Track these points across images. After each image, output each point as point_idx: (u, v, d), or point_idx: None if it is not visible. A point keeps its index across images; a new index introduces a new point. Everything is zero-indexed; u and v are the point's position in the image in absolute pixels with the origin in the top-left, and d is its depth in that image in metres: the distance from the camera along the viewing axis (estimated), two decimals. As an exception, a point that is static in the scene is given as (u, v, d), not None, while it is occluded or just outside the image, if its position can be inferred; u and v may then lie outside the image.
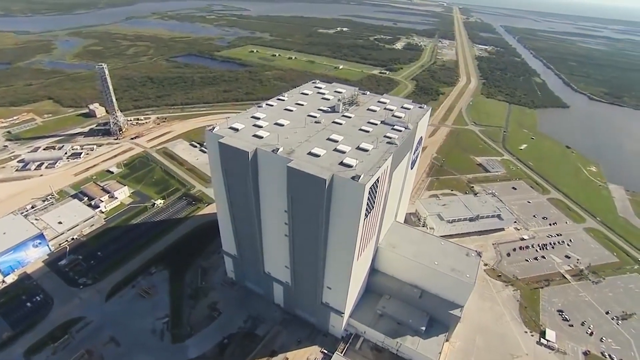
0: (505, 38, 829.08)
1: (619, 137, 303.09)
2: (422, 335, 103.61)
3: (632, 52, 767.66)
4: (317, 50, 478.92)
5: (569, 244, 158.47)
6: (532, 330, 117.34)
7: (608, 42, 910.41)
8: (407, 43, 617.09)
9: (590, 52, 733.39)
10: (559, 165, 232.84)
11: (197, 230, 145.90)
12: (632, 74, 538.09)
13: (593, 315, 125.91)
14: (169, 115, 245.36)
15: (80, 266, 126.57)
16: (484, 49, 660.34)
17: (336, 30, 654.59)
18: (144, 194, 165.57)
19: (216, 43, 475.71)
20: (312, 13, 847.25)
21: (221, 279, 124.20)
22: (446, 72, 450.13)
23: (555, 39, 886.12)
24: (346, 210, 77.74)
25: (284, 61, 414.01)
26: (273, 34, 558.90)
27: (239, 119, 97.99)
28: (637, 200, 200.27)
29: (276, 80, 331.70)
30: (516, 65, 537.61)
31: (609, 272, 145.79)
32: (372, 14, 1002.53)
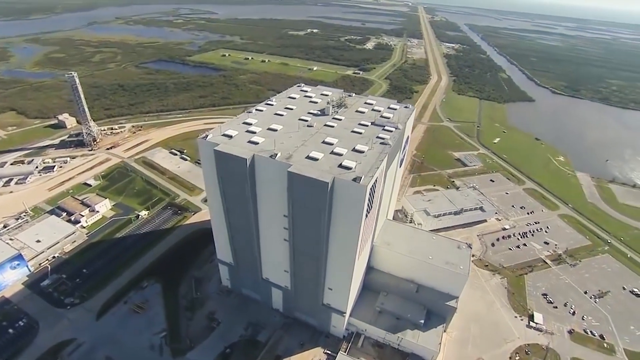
0: (470, 36, 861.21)
1: (581, 127, 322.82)
2: (421, 328, 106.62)
3: (584, 48, 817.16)
4: (289, 52, 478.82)
5: (546, 230, 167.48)
6: (521, 315, 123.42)
7: (562, 39, 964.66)
8: (377, 43, 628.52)
9: (547, 48, 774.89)
10: (531, 156, 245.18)
11: (186, 240, 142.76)
12: (586, 68, 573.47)
13: (573, 296, 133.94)
14: (144, 124, 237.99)
15: (64, 285, 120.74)
16: (451, 47, 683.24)
17: (307, 32, 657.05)
18: (127, 206, 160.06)
19: (187, 48, 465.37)
20: (281, 15, 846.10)
21: (216, 288, 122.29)
22: (417, 70, 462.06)
23: (516, 36, 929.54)
24: (348, 212, 79.01)
25: (257, 64, 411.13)
26: (244, 37, 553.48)
27: (231, 125, 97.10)
28: (602, 186, 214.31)
29: (252, 84, 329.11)
30: (483, 62, 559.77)
31: (584, 254, 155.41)
32: (341, 14, 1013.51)
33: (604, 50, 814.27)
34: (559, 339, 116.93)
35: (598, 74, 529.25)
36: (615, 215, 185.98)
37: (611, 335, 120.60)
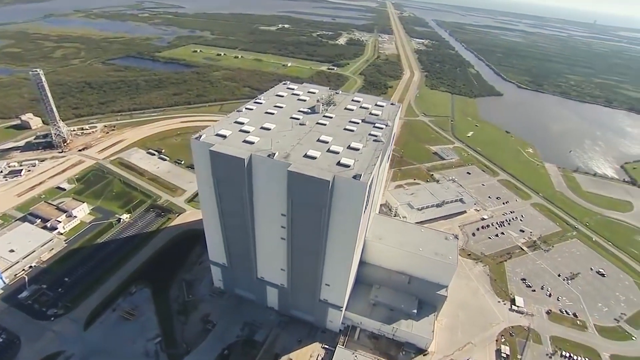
0: (438, 32, 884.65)
1: (545, 120, 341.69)
2: (414, 318, 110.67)
3: (543, 45, 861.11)
4: (262, 48, 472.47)
5: (521, 219, 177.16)
6: (504, 300, 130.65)
7: (523, 35, 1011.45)
8: (349, 38, 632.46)
9: (510, 44, 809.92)
10: (502, 149, 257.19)
11: (172, 243, 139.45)
12: (547, 64, 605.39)
13: (549, 279, 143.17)
14: (117, 123, 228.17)
15: (45, 296, 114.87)
16: (421, 42, 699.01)
17: (278, 27, 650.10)
18: (106, 210, 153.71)
19: (155, 43, 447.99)
20: (251, 9, 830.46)
21: (208, 290, 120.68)
22: (390, 66, 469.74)
23: (481, 32, 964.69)
24: (348, 208, 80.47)
25: (230, 60, 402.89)
26: (214, 33, 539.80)
27: (223, 125, 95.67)
28: (567, 176, 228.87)
29: (226, 81, 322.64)
30: (452, 57, 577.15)
31: (556, 240, 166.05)
32: (311, 9, 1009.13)
33: (561, 46, 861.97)
34: (539, 319, 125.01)
35: (557, 70, 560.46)
36: (580, 203, 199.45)
37: (583, 313, 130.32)
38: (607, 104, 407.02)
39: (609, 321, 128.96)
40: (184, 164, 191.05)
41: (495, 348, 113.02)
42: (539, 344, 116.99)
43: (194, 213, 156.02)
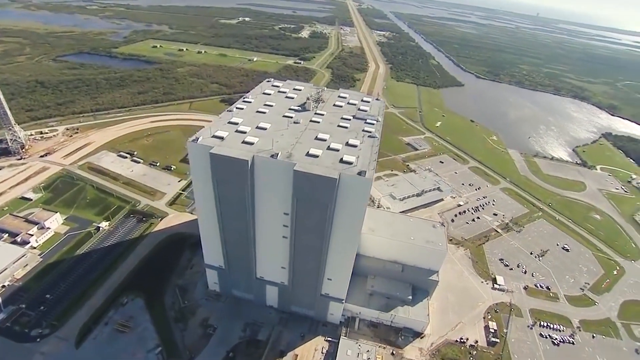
0: (398, 23, 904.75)
1: (505, 108, 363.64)
2: (410, 304, 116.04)
3: (495, 36, 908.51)
4: (225, 42, 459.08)
5: (493, 203, 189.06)
6: (486, 280, 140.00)
7: (476, 27, 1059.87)
8: (312, 31, 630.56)
9: (465, 35, 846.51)
10: (469, 137, 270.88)
11: (159, 248, 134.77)
12: (500, 54, 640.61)
13: (523, 257, 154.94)
14: (80, 125, 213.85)
15: (26, 316, 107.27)
16: (382, 34, 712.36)
17: (239, 20, 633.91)
18: (82, 219, 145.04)
19: (110, 38, 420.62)
20: (208, 2, 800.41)
21: (204, 294, 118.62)
22: (355, 58, 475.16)
23: (438, 24, 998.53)
24: (352, 204, 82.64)
25: (193, 56, 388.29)
26: (173, 27, 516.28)
27: (218, 126, 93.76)
28: (530, 160, 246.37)
29: (192, 77, 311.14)
30: (413, 49, 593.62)
31: (525, 221, 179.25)
32: (270, 2, 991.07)
33: (511, 38, 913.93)
34: (518, 295, 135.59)
35: (510, 60, 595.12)
36: (542, 185, 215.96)
37: (554, 285, 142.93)
38: (556, 92, 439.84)
39: (575, 291, 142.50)
40: (159, 165, 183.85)
41: (484, 325, 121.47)
42: (520, 317, 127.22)
43: (178, 216, 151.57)
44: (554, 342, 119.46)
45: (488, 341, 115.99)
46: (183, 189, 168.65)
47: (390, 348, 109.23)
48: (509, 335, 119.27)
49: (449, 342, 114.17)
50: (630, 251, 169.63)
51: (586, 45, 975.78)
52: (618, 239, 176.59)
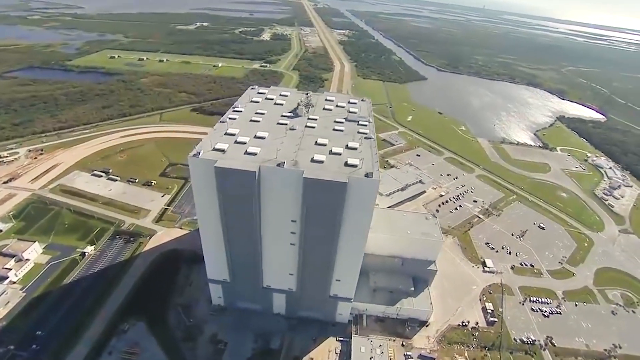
0: (355, 21, 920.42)
1: (467, 98, 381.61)
2: (413, 295, 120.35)
3: (449, 29, 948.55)
4: (187, 49, 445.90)
5: (472, 191, 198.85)
6: (477, 264, 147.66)
7: (430, 21, 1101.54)
8: (272, 33, 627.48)
9: (420, 30, 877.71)
10: (440, 129, 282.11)
11: (153, 268, 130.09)
12: (457, 47, 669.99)
13: (506, 239, 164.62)
14: (44, 146, 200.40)
15: (18, 358, 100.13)
16: (342, 33, 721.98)
17: (197, 26, 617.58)
18: (63, 245, 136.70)
19: (61, 50, 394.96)
20: (160, 8, 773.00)
21: (208, 309, 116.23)
22: (320, 59, 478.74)
23: (393, 20, 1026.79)
24: (360, 206, 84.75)
25: (155, 65, 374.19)
26: (128, 35, 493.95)
27: (216, 138, 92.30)
28: (497, 147, 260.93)
29: (158, 87, 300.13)
30: (374, 46, 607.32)
31: (503, 205, 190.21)
32: (226, 5, 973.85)
33: (463, 30, 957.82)
34: (507, 275, 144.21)
35: (466, 52, 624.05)
36: (512, 170, 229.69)
37: (537, 262, 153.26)
38: (511, 80, 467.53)
39: (555, 265, 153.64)
40: (138, 182, 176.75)
41: (481, 306, 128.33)
42: (512, 295, 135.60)
43: (167, 233, 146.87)
44: (544, 315, 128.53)
45: (487, 321, 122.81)
46: (168, 204, 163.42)
47: (399, 340, 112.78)
48: (504, 314, 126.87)
49: (453, 327, 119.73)
50: (595, 223, 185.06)
51: (530, 34, 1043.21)
52: (584, 214, 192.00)
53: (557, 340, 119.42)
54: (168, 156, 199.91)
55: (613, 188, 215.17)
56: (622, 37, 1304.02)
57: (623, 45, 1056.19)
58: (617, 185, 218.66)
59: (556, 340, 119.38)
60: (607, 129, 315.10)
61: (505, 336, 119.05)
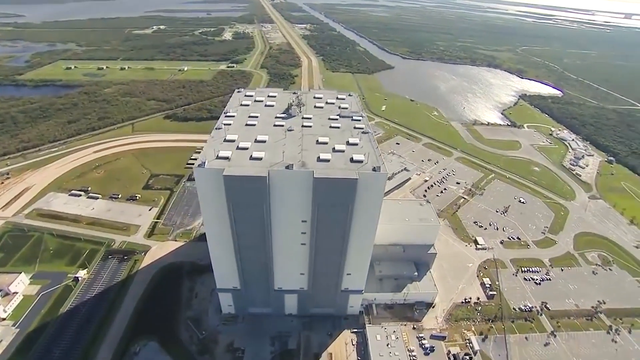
0: (315, 15, 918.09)
1: (434, 83, 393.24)
2: (417, 279, 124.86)
3: (407, 17, 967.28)
4: (148, 54, 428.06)
5: (453, 173, 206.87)
6: (469, 243, 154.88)
7: (387, 10, 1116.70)
8: (234, 32, 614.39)
9: (379, 19, 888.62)
10: (414, 116, 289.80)
11: (154, 284, 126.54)
12: (417, 34, 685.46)
13: (492, 216, 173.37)
14: (10, 169, 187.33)
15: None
16: (304, 27, 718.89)
17: (154, 30, 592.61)
18: (52, 273, 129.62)
19: (9, 64, 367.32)
20: (111, 13, 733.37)
21: (219, 319, 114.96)
22: (286, 55, 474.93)
23: (352, 11, 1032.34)
24: (370, 199, 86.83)
25: (117, 73, 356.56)
26: (81, 44, 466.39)
27: (217, 146, 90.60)
28: (471, 129, 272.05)
29: (125, 97, 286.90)
30: (337, 38, 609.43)
31: (484, 184, 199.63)
32: (179, 6, 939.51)
33: (421, 17, 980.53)
34: (498, 250, 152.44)
35: (427, 38, 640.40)
36: (487, 149, 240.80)
37: (522, 235, 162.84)
38: (473, 63, 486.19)
39: (539, 235, 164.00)
40: (121, 197, 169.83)
41: (479, 282, 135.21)
42: (505, 268, 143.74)
43: (162, 247, 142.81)
44: (536, 283, 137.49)
45: (487, 295, 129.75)
46: (157, 217, 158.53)
47: (410, 324, 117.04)
48: (501, 286, 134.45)
49: (457, 305, 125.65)
50: (568, 193, 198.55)
51: (483, 17, 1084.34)
52: (556, 185, 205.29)
53: (551, 305, 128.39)
54: (148, 168, 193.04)
55: (578, 158, 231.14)
56: (565, 15, 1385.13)
57: (566, 23, 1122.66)
58: (580, 155, 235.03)
59: (550, 305, 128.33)
60: (565, 104, 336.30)
61: (505, 307, 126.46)
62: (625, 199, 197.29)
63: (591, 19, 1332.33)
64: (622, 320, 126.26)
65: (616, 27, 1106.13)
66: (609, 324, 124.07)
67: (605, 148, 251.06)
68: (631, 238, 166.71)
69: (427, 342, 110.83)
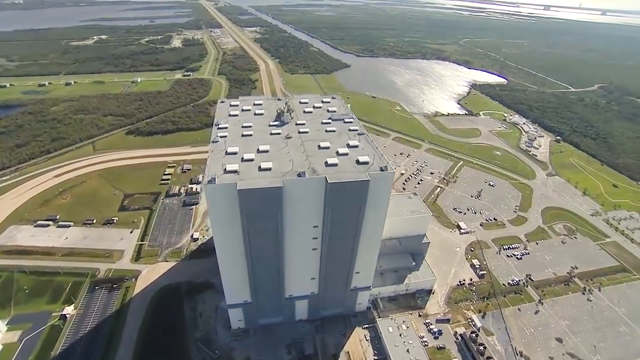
0: (262, 17, 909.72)
1: (391, 78, 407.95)
2: (415, 269, 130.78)
3: (352, 15, 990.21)
4: (94, 67, 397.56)
5: (426, 164, 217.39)
6: (453, 229, 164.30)
7: (332, 9, 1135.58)
8: (183, 39, 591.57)
9: (327, 18, 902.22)
10: (378, 112, 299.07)
11: (153, 310, 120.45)
12: (366, 31, 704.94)
13: (467, 201, 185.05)
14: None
15: None
16: (254, 30, 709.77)
17: (95, 40, 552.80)
18: (32, 314, 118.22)
19: None
20: (43, 24, 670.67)
21: (230, 336, 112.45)
22: (242, 60, 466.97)
23: (298, 11, 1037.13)
24: (379, 198, 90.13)
25: (62, 89, 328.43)
26: (12, 58, 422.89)
27: (221, 160, 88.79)
28: (433, 120, 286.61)
29: (77, 114, 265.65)
30: (289, 39, 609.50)
31: (455, 172, 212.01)
32: (118, 15, 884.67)
33: (366, 14, 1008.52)
34: (479, 232, 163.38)
35: (376, 35, 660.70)
36: (451, 138, 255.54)
37: (498, 216, 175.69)
38: (423, 57, 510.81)
39: (512, 214, 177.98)
40: (96, 222, 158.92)
41: (469, 264, 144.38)
42: (488, 248, 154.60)
43: (154, 269, 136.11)
44: (518, 258, 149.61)
45: (478, 275, 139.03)
46: (141, 239, 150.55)
47: (415, 312, 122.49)
48: (489, 265, 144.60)
49: (453, 288, 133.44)
50: (529, 173, 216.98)
51: (424, 12, 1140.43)
52: (518, 166, 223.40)
53: (534, 276, 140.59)
54: (120, 188, 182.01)
55: (531, 140, 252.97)
56: (495, 8, 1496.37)
57: (498, 15, 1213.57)
58: (533, 137, 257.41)
59: (533, 276, 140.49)
60: (511, 90, 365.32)
61: (495, 284, 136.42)
62: (575, 173, 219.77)
63: (517, 10, 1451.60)
64: (593, 280, 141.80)
65: (539, 18, 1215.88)
66: (582, 286, 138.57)
67: (551, 129, 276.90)
68: (587, 208, 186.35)
69: (435, 327, 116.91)
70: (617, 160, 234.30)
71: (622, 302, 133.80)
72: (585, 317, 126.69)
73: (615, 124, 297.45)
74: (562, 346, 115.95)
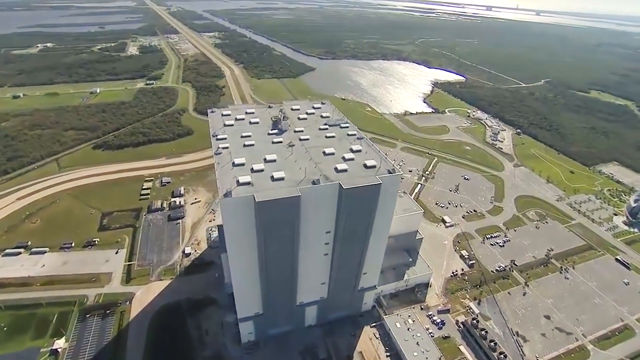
0: (219, 21, 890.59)
1: (356, 79, 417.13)
2: (412, 265, 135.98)
3: (309, 18, 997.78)
4: (44, 78, 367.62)
5: (404, 163, 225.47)
6: (438, 223, 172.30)
7: (288, 12, 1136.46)
8: (139, 46, 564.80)
9: (284, 22, 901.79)
10: (350, 114, 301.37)
11: (155, 331, 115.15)
12: (325, 34, 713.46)
13: (448, 196, 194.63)
14: None
15: None
16: (212, 35, 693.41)
17: (40, 48, 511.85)
18: (17, 354, 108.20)
19: None
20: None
21: (241, 350, 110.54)
22: (205, 66, 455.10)
23: (255, 16, 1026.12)
24: (388, 200, 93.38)
25: (11, 103, 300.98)
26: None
27: (230, 172, 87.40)
28: (403, 119, 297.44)
29: (34, 130, 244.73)
30: (250, 44, 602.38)
31: (432, 168, 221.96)
32: (63, 20, 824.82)
33: (323, 17, 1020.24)
34: (463, 224, 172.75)
35: (335, 37, 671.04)
36: (423, 136, 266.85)
37: (477, 207, 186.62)
38: (384, 58, 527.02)
39: (489, 205, 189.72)
40: (75, 245, 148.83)
41: (459, 255, 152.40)
42: (473, 238, 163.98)
43: (148, 290, 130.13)
44: (500, 245, 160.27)
45: (469, 265, 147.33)
46: (129, 259, 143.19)
47: (417, 306, 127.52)
48: (476, 255, 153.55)
49: (448, 279, 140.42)
50: (498, 165, 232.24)
51: (377, 14, 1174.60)
52: (487, 160, 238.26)
53: (517, 261, 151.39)
54: (96, 207, 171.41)
55: (496, 134, 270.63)
56: (443, 9, 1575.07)
57: (446, 16, 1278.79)
58: (497, 131, 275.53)
59: (517, 261, 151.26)
60: (470, 87, 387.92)
61: (485, 272, 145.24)
62: (537, 163, 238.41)
63: (463, 11, 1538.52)
64: (567, 260, 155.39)
65: (483, 18, 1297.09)
66: (559, 266, 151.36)
67: (511, 122, 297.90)
68: (552, 194, 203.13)
69: (437, 318, 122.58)
70: (570, 149, 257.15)
71: (593, 276, 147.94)
72: (566, 294, 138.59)
73: (563, 116, 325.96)
74: (551, 322, 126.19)
